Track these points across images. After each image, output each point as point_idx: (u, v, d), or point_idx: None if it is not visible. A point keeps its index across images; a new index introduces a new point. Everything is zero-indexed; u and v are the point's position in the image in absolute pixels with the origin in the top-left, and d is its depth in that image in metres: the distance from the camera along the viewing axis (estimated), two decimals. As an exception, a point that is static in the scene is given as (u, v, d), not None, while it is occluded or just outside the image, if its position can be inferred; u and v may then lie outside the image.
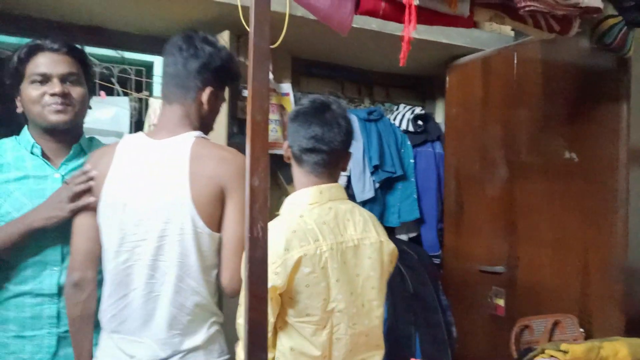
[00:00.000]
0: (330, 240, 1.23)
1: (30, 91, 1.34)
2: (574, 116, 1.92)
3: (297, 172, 1.32)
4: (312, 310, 1.21)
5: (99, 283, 1.28)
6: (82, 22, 2.17)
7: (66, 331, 1.31)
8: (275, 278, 1.17)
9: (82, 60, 1.42)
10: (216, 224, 1.22)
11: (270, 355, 1.25)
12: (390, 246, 1.35)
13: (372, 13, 1.23)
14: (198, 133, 1.27)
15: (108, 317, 1.25)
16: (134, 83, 3.78)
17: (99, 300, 1.28)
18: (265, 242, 0.98)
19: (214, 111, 1.35)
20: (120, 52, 3.40)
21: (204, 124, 1.32)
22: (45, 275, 1.32)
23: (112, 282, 1.23)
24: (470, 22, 1.30)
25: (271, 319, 1.20)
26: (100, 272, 1.29)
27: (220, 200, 1.22)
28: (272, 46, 2.11)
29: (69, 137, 1.40)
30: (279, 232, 1.20)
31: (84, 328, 1.25)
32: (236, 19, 1.90)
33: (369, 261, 1.29)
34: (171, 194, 1.20)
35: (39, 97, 1.33)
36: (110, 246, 1.23)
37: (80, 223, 1.27)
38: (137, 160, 1.24)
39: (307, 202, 1.28)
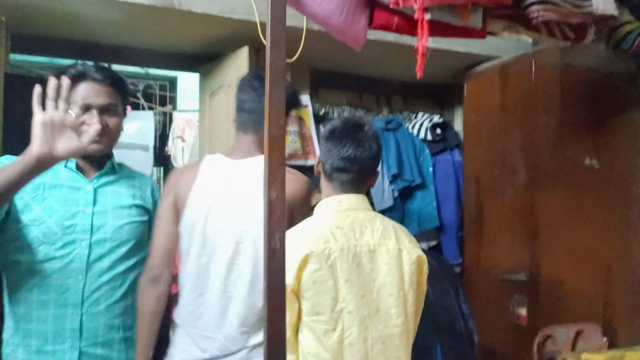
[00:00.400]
0: (341, 242, 1.27)
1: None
2: (594, 122, 1.91)
3: (325, 185, 1.39)
4: (321, 309, 1.24)
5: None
6: (106, 41, 2.26)
7: (90, 344, 1.32)
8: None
9: (122, 90, 1.46)
10: None
11: (291, 358, 1.28)
12: (413, 255, 1.35)
13: (386, 27, 1.26)
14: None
15: (186, 314, 1.40)
16: (159, 97, 3.89)
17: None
18: (283, 253, 1.01)
19: None
20: (144, 68, 3.51)
21: None
22: (70, 284, 1.33)
23: (191, 282, 1.39)
24: (483, 33, 1.32)
25: (288, 318, 1.24)
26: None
27: (289, 216, 1.35)
28: (290, 60, 2.17)
29: (102, 157, 1.46)
30: (292, 235, 1.27)
31: (153, 323, 1.36)
32: (255, 34, 1.96)
33: (386, 267, 1.31)
34: (248, 207, 1.37)
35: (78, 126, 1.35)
36: (193, 249, 1.39)
37: (163, 227, 1.43)
38: (218, 176, 1.43)
39: (327, 210, 1.33)
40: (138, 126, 3.74)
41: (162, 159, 3.91)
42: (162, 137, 3.93)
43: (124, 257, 1.41)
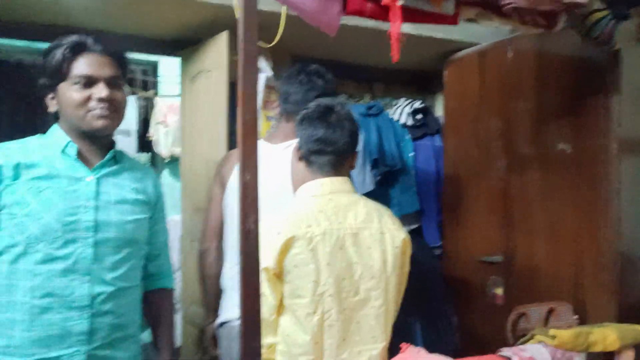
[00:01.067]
0: (324, 225, 1.30)
1: (72, 93, 1.26)
2: (567, 108, 1.95)
3: (305, 170, 1.43)
4: (302, 292, 1.28)
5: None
6: (86, 25, 2.24)
7: (96, 347, 1.26)
8: (266, 259, 1.27)
9: (123, 63, 1.35)
10: None
11: (272, 340, 1.32)
12: (397, 238, 1.39)
13: (359, 13, 1.28)
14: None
15: (229, 277, 1.63)
16: (140, 82, 3.86)
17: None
18: (256, 235, 1.04)
19: None
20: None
21: None
22: (74, 287, 1.23)
23: (232, 251, 1.61)
24: (455, 20, 1.34)
25: (271, 300, 1.28)
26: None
27: None
28: (269, 45, 2.17)
29: (104, 141, 1.35)
30: (274, 220, 1.31)
31: (211, 286, 1.66)
32: (234, 19, 1.95)
33: (369, 251, 1.34)
34: (281, 184, 1.55)
35: (83, 101, 1.27)
36: (232, 224, 1.61)
37: (212, 206, 1.67)
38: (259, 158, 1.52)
39: (308, 194, 1.36)
40: (120, 112, 3.71)
41: (147, 145, 3.90)
42: (145, 122, 3.91)
43: (129, 256, 1.33)
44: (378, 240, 1.36)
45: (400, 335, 2.38)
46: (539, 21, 1.43)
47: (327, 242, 1.29)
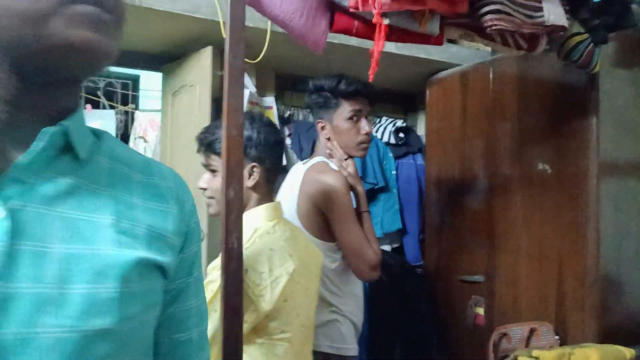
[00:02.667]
0: (299, 255, 1.25)
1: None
2: (547, 129, 1.98)
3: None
4: (286, 327, 1.20)
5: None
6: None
7: None
8: (261, 302, 1.14)
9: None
10: (323, 233, 1.50)
11: None
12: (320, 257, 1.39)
13: (346, 31, 1.28)
14: (320, 158, 1.56)
15: None
16: (120, 96, 3.81)
17: None
18: (240, 253, 1.01)
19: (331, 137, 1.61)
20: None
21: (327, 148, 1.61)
22: None
23: None
24: (440, 40, 1.36)
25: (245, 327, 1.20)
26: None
27: (318, 214, 1.48)
28: (254, 61, 2.16)
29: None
30: (259, 250, 1.19)
31: None
32: (218, 34, 1.95)
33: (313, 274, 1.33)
34: (289, 204, 1.49)
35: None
36: None
37: None
38: (288, 179, 1.61)
39: (267, 218, 1.26)
40: (98, 125, 3.65)
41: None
42: (123, 137, 3.84)
43: None
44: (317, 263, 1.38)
45: (380, 356, 2.36)
46: (521, 43, 1.46)
47: (302, 273, 1.25)
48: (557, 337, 1.78)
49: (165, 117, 2.47)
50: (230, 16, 1.02)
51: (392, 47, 2.31)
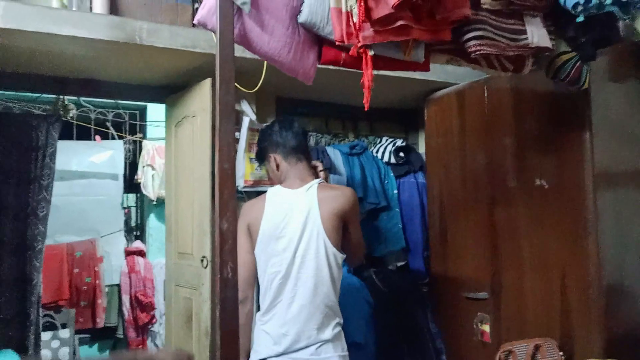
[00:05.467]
0: None
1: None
2: (543, 143, 2.01)
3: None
4: None
5: None
6: (74, 75, 2.29)
7: None
8: None
9: None
10: (339, 245, 1.71)
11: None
12: None
13: (334, 63, 1.33)
14: (319, 180, 1.78)
15: (265, 318, 1.69)
16: (128, 126, 3.91)
17: None
18: (235, 283, 1.05)
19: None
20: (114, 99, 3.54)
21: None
22: None
23: (266, 291, 1.68)
24: (426, 67, 1.40)
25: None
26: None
27: (341, 228, 1.71)
28: (252, 90, 2.23)
29: None
30: None
31: (246, 331, 1.69)
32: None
33: None
34: (309, 226, 1.66)
35: None
36: (266, 266, 1.69)
37: (242, 257, 1.60)
38: (282, 204, 1.72)
39: None
40: (108, 155, 3.75)
41: (134, 187, 3.91)
42: (132, 165, 3.93)
43: None
44: None
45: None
46: (507, 65, 1.50)
47: None
48: (561, 353, 1.78)
49: (169, 146, 2.54)
50: (220, 56, 1.08)
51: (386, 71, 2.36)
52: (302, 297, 1.65)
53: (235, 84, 1.20)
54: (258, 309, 1.78)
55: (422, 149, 3.00)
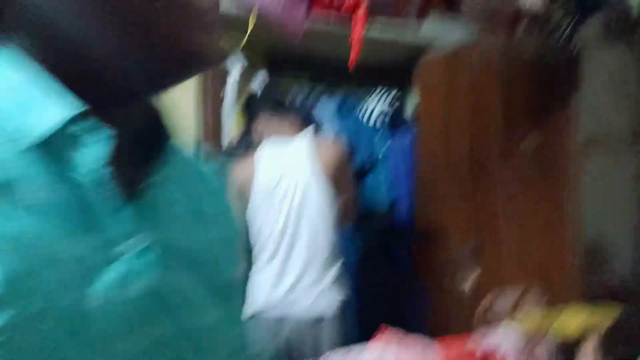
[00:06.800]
0: None
1: None
2: (530, 108, 2.02)
3: None
4: None
5: None
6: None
7: None
8: None
9: None
10: (336, 193, 1.77)
11: None
12: None
13: (324, 14, 1.30)
14: (309, 133, 1.83)
15: (258, 268, 1.72)
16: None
17: None
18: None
19: None
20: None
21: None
22: None
23: (263, 248, 1.70)
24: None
25: None
26: None
27: (335, 177, 1.75)
28: (240, 47, 2.19)
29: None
30: None
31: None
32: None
33: None
34: (303, 177, 1.70)
35: None
36: (262, 223, 1.70)
37: None
38: (274, 158, 1.74)
39: None
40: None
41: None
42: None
43: None
44: None
45: (370, 319, 2.42)
46: (501, 24, 1.48)
47: None
48: (545, 299, 1.85)
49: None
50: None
51: (375, 32, 2.30)
52: (301, 247, 1.70)
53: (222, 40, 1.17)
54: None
55: (410, 111, 2.98)
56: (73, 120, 0.34)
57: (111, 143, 0.35)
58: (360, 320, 2.33)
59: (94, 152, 0.34)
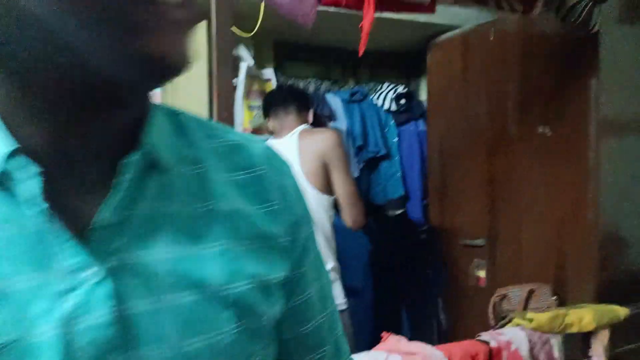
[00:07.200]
0: None
1: None
2: (548, 91, 1.96)
3: None
4: None
5: None
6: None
7: None
8: None
9: None
10: (324, 188, 1.69)
11: None
12: None
13: (335, 3, 1.27)
14: (304, 126, 1.81)
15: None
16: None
17: None
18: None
19: None
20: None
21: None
22: None
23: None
24: (432, 9, 1.34)
25: None
26: None
27: (323, 170, 1.68)
28: (250, 34, 2.15)
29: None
30: None
31: None
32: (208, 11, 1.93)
33: None
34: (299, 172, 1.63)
35: None
36: None
37: None
38: None
39: None
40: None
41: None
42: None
43: None
44: None
45: (387, 316, 2.43)
46: (516, 6, 1.43)
47: None
48: (554, 297, 1.82)
49: (163, 98, 2.48)
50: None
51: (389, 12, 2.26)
52: None
53: (232, 28, 1.14)
54: None
55: (422, 95, 2.94)
56: (9, 157, 0.33)
57: (40, 180, 0.34)
58: (374, 314, 2.32)
59: (29, 188, 0.34)
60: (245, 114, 2.25)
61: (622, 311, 1.46)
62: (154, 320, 0.36)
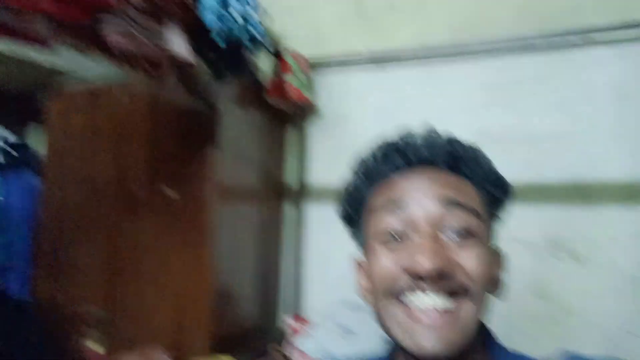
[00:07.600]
0: None
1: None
2: (175, 157, 2.03)
3: None
4: None
5: None
6: None
7: None
8: None
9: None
10: None
11: None
12: None
13: None
14: None
15: None
16: None
17: None
18: None
19: None
20: None
21: None
22: None
23: None
24: (50, 45, 1.18)
25: None
26: None
27: None
28: None
29: None
30: None
31: None
32: None
33: None
34: None
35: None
36: None
37: None
38: None
39: None
40: None
41: None
42: None
43: None
44: None
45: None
46: (147, 68, 1.44)
47: None
48: (167, 356, 1.81)
49: None
50: None
51: (2, 45, 1.92)
52: None
53: None
54: None
55: (38, 146, 2.57)
56: None
57: None
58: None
59: None
60: None
61: (231, 360, 1.56)
62: None
